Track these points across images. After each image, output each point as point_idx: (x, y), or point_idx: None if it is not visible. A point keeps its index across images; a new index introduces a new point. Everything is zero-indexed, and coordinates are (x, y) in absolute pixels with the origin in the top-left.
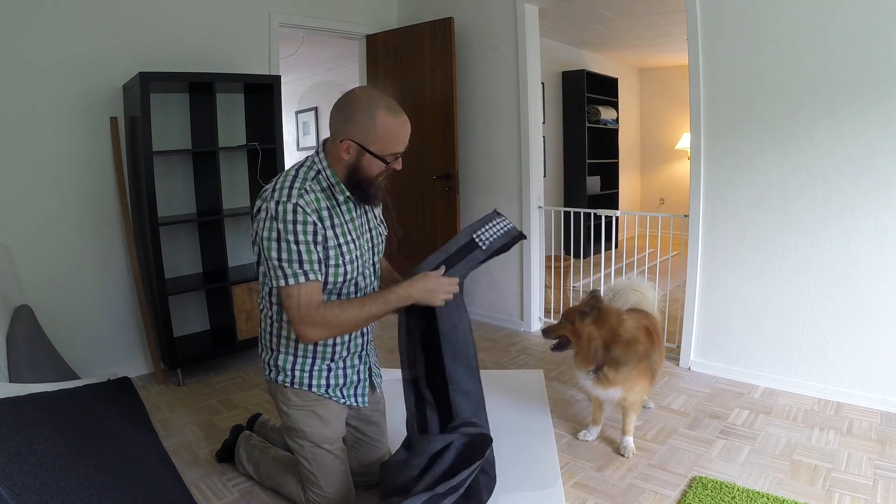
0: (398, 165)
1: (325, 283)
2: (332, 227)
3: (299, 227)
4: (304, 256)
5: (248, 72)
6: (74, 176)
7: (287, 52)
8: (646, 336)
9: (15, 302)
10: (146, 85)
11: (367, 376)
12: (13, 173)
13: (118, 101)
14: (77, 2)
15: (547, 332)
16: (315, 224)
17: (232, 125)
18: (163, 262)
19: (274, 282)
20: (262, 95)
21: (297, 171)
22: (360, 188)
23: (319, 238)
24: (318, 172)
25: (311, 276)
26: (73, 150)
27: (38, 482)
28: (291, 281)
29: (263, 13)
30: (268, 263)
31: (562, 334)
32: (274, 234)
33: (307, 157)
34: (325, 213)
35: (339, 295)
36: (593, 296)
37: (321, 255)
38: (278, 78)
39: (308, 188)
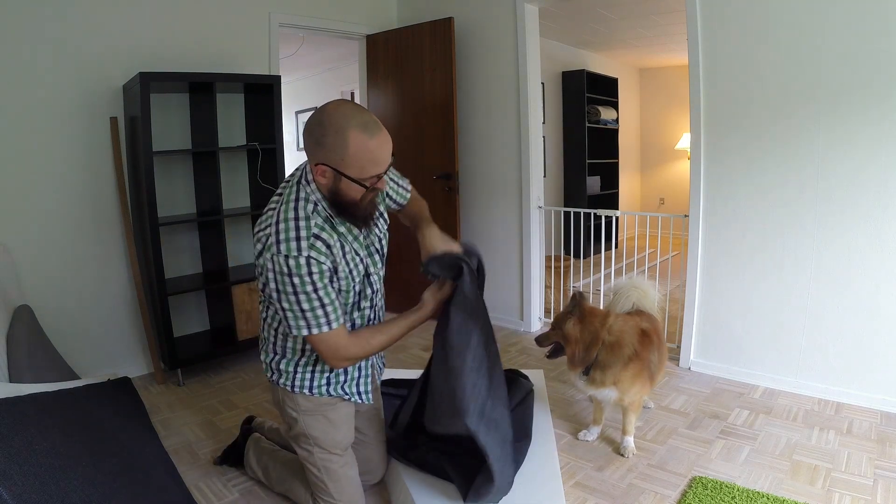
0: (382, 186)
1: None
2: (344, 255)
3: (315, 277)
4: (326, 300)
5: (248, 72)
6: (74, 176)
7: (287, 52)
8: (639, 338)
9: (15, 302)
10: (146, 85)
11: (368, 371)
12: (13, 173)
13: (118, 101)
14: (77, 2)
15: (540, 340)
16: (329, 267)
17: (232, 125)
18: (163, 262)
19: (295, 331)
20: (262, 95)
21: (296, 210)
22: (346, 212)
23: (336, 275)
24: (316, 204)
25: (335, 324)
26: (73, 150)
27: (38, 482)
28: (316, 331)
29: (263, 13)
30: (286, 313)
31: (555, 340)
32: (290, 289)
33: (298, 187)
34: (336, 248)
35: (350, 309)
36: (574, 297)
37: (337, 291)
38: (278, 78)
39: (316, 229)
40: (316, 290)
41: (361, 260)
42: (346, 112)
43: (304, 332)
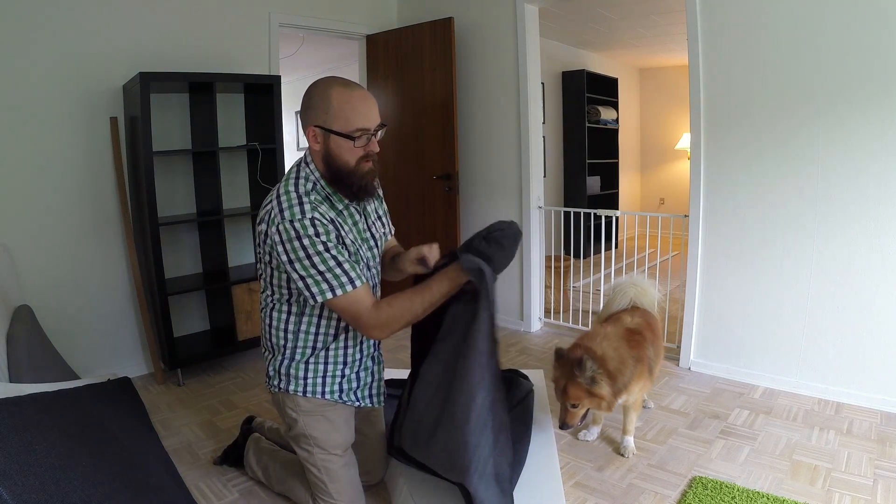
0: (373, 147)
1: None
2: (345, 235)
3: (323, 237)
4: (340, 258)
5: (248, 72)
6: (75, 176)
7: (287, 52)
8: (628, 341)
9: (15, 302)
10: (146, 85)
11: (381, 375)
12: (14, 173)
13: (118, 101)
14: (77, 2)
15: (567, 424)
16: (334, 231)
17: (232, 125)
18: (163, 262)
19: (319, 296)
20: (262, 95)
21: (296, 185)
22: (342, 181)
23: (344, 244)
24: (315, 184)
25: (358, 283)
26: (73, 151)
27: (38, 482)
28: (339, 291)
29: (263, 13)
30: (304, 281)
31: (586, 409)
32: (302, 253)
33: (298, 168)
34: (337, 223)
35: None
36: (584, 360)
37: (349, 255)
38: (278, 78)
39: (315, 201)
40: (328, 250)
41: (360, 248)
42: (330, 78)
43: (329, 294)
